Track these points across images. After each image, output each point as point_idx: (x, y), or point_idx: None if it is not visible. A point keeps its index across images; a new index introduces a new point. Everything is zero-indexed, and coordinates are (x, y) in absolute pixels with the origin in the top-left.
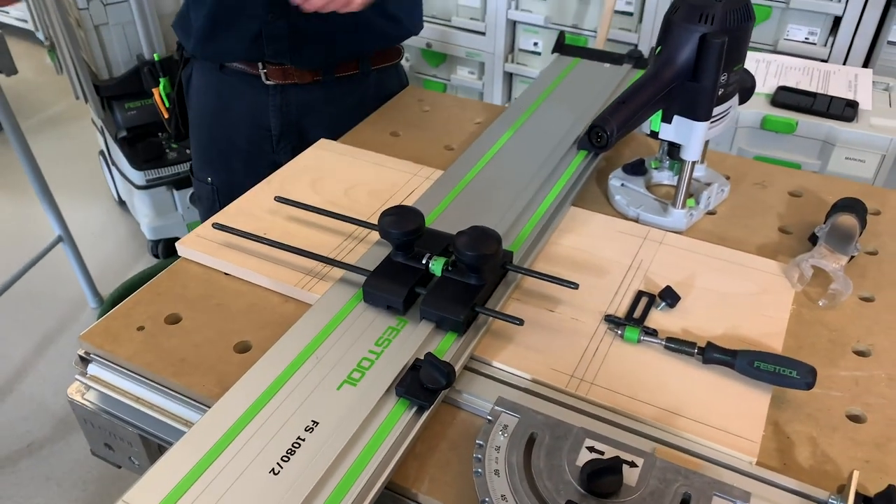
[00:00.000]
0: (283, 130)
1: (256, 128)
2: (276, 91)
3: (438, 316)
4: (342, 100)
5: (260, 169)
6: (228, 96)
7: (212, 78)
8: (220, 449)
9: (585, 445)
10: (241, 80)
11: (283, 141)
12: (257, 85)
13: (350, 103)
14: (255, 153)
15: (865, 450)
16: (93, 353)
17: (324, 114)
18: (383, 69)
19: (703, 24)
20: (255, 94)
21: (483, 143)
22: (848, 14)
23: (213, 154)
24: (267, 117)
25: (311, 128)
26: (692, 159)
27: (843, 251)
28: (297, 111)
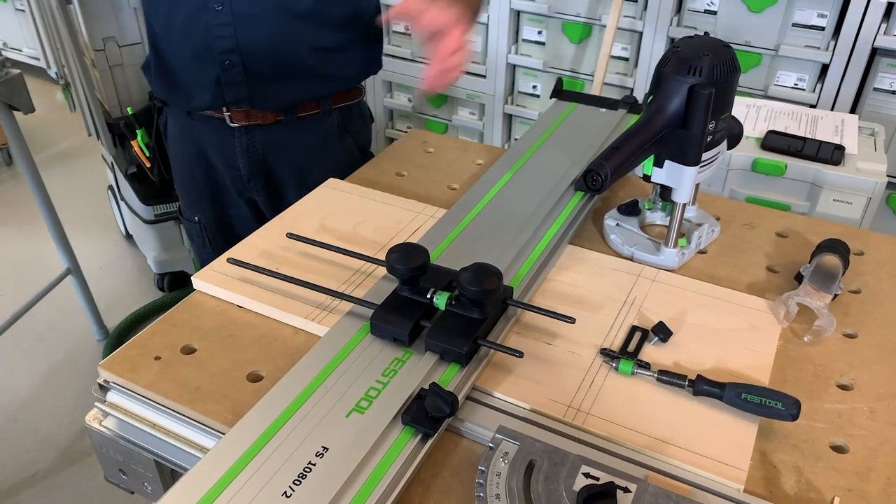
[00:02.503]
0: (252, 169)
1: (228, 168)
2: (241, 132)
3: (442, 348)
4: (306, 138)
5: (241, 205)
6: (200, 139)
7: (183, 123)
8: (234, 472)
9: (581, 472)
10: (207, 124)
11: (252, 179)
12: (223, 127)
13: (314, 141)
14: (234, 191)
15: (848, 478)
16: (112, 382)
17: (288, 152)
18: (345, 107)
19: (692, 76)
20: (223, 136)
21: (484, 184)
22: (835, 62)
23: (196, 194)
24: (235, 157)
25: (277, 166)
26: (683, 201)
27: (827, 290)
28: (262, 150)
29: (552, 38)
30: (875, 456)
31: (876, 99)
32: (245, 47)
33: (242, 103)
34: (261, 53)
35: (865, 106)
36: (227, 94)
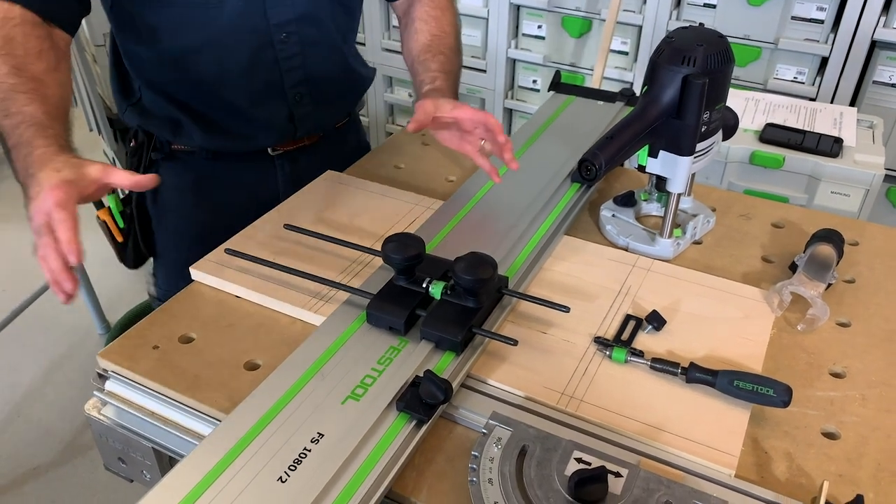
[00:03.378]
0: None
1: (259, 203)
2: (284, 160)
3: (437, 336)
4: (342, 149)
5: None
6: (227, 183)
7: (199, 171)
8: (231, 458)
9: (574, 457)
10: (245, 163)
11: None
12: (263, 159)
13: (347, 150)
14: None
15: (839, 464)
16: (110, 371)
17: (328, 166)
18: (356, 113)
19: (686, 67)
20: (262, 169)
21: (482, 176)
22: (834, 55)
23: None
24: (277, 187)
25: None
26: (678, 192)
27: (821, 279)
28: (305, 171)
29: (552, 32)
30: (866, 442)
31: (875, 92)
32: (312, 75)
33: (312, 132)
34: (324, 77)
35: (865, 99)
36: (300, 129)
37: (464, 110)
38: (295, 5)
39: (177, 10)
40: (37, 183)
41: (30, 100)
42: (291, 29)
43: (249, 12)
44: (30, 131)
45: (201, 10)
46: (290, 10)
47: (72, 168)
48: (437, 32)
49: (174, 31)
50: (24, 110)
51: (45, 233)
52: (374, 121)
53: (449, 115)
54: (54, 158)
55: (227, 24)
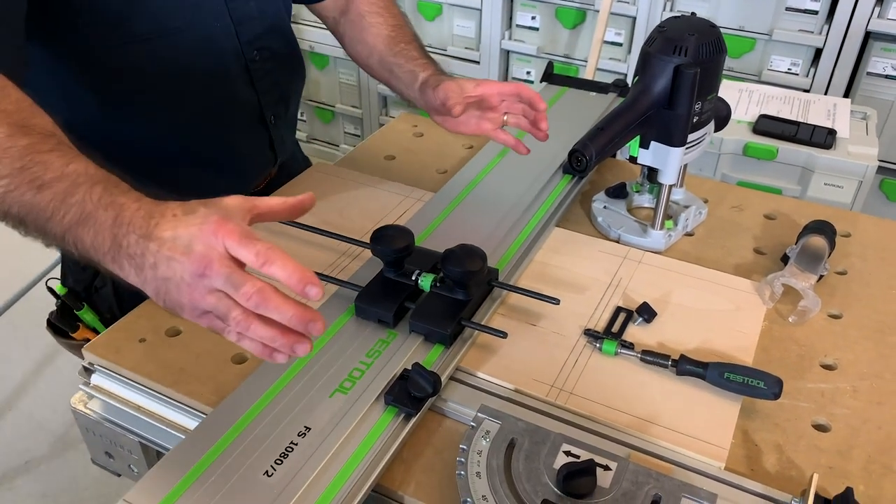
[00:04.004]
0: None
1: None
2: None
3: (426, 329)
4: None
5: None
6: None
7: None
8: (217, 451)
9: (562, 450)
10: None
11: None
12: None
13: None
14: None
15: (829, 457)
16: (96, 364)
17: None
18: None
19: (678, 56)
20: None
21: (473, 167)
22: (828, 46)
23: None
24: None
25: None
26: (669, 183)
27: (813, 270)
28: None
29: (546, 23)
30: (857, 434)
31: (869, 83)
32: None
33: (285, 155)
34: (294, 92)
35: (859, 90)
36: (279, 155)
37: (490, 85)
38: (263, 17)
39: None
40: (163, 241)
41: (64, 157)
42: (262, 44)
43: (219, 34)
44: (97, 192)
45: (167, 38)
46: (258, 23)
47: (206, 206)
48: (395, 23)
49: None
50: (69, 171)
51: (241, 281)
52: (367, 113)
53: (475, 94)
54: (165, 206)
55: (197, 50)
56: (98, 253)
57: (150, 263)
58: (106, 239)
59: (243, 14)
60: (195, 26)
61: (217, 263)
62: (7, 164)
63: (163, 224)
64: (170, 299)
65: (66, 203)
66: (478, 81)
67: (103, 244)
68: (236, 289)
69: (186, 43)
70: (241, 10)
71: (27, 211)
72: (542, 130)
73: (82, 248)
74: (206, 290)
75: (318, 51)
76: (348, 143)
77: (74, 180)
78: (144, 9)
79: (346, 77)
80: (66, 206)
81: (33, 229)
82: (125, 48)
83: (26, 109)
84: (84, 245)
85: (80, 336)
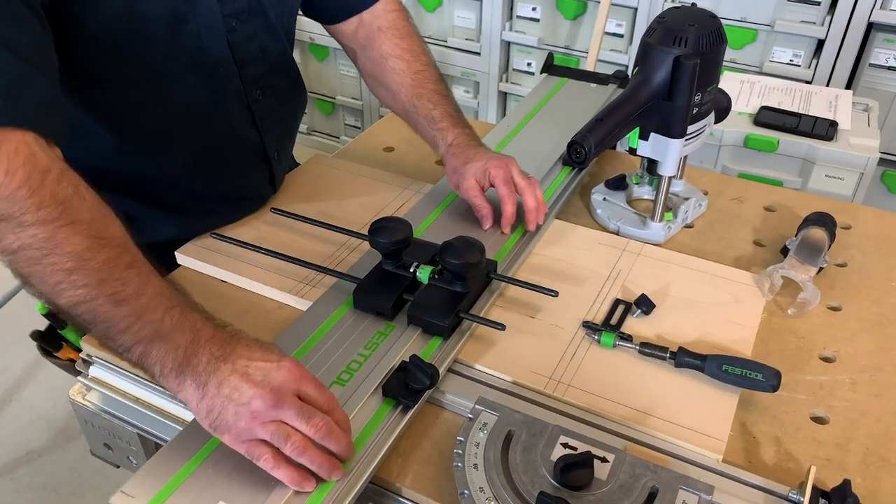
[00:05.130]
0: None
1: None
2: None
3: (424, 321)
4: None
5: None
6: None
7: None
8: (214, 442)
9: (560, 442)
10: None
11: None
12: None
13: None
14: None
15: (827, 449)
16: (94, 356)
17: None
18: None
19: (678, 47)
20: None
21: None
22: (830, 37)
23: None
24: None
25: None
26: (669, 174)
27: (813, 262)
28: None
29: (547, 14)
30: (855, 427)
31: (871, 74)
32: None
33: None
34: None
35: (861, 82)
36: (277, 186)
37: (495, 175)
38: (266, 56)
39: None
40: (236, 367)
41: (141, 275)
42: (265, 83)
43: (222, 76)
44: (175, 314)
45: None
46: (261, 63)
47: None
48: (419, 68)
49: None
50: (147, 290)
51: (311, 414)
52: (367, 104)
53: (489, 185)
54: (238, 337)
55: (201, 91)
56: (163, 367)
57: (216, 382)
58: (178, 357)
59: (247, 55)
60: (200, 68)
61: (289, 399)
62: (85, 276)
63: (239, 351)
64: (223, 419)
65: (142, 319)
66: (486, 168)
67: (173, 361)
68: (308, 420)
69: (190, 84)
70: (244, 51)
71: (101, 320)
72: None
73: (146, 361)
74: (268, 419)
75: (319, 42)
76: (349, 134)
77: (152, 299)
78: (154, 51)
79: (346, 69)
80: (143, 322)
81: (97, 334)
82: (132, 88)
83: (100, 218)
84: (149, 359)
85: (63, 356)
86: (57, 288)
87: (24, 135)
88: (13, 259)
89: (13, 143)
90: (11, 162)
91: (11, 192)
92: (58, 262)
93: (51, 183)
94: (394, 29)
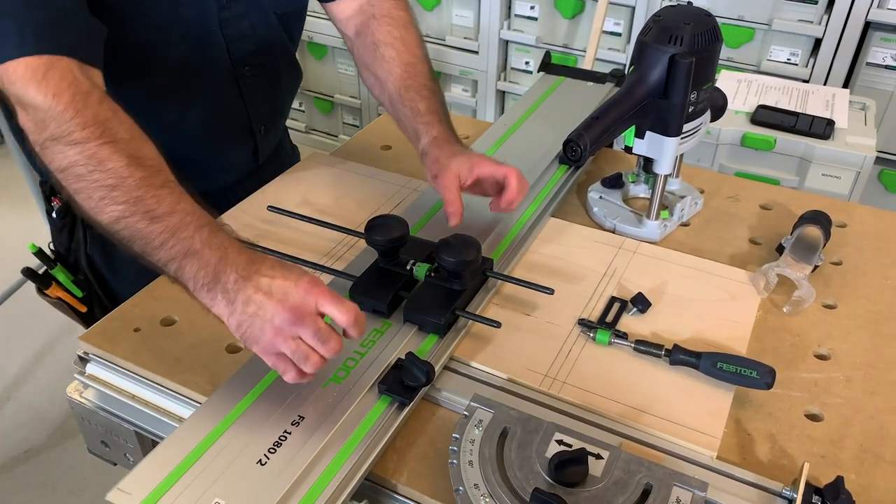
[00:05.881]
0: None
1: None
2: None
3: (421, 319)
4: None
5: None
6: None
7: None
8: (210, 440)
9: (555, 439)
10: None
11: None
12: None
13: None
14: None
15: (821, 446)
16: (91, 354)
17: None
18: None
19: (673, 46)
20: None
21: None
22: (828, 36)
23: None
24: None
25: None
26: (664, 173)
27: (808, 261)
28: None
29: (545, 13)
30: (849, 424)
31: (868, 73)
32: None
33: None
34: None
35: (858, 80)
36: (261, 158)
37: (484, 167)
38: (257, 36)
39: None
40: (259, 285)
41: (173, 194)
42: (254, 61)
43: (212, 50)
44: (205, 232)
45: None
46: (251, 41)
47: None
48: (410, 59)
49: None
50: (179, 209)
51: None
52: (366, 102)
53: (470, 181)
54: (264, 257)
55: (190, 63)
56: (196, 283)
57: (243, 300)
58: (208, 273)
59: (236, 32)
60: (192, 39)
61: (309, 318)
62: (124, 193)
63: (263, 270)
64: (251, 334)
65: (175, 236)
66: (471, 163)
67: (204, 277)
68: (324, 343)
69: (183, 54)
70: (234, 28)
71: (139, 237)
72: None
73: (182, 276)
74: (290, 335)
75: (317, 41)
76: (347, 133)
77: (183, 217)
78: (152, 17)
79: (344, 67)
80: (176, 239)
81: (138, 251)
82: (130, 51)
83: (137, 138)
84: (184, 274)
85: (52, 293)
86: (101, 203)
87: (69, 62)
88: (63, 177)
89: (58, 70)
90: (58, 86)
91: (59, 113)
92: (101, 179)
93: (93, 104)
94: (389, 17)
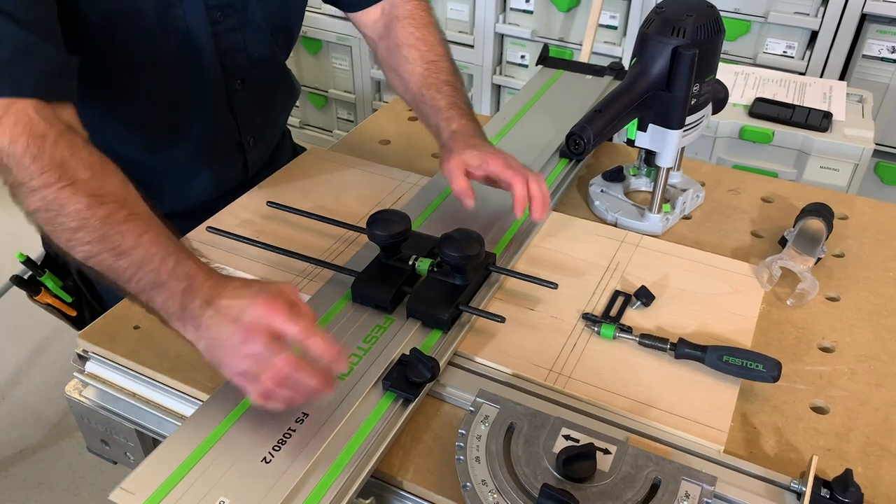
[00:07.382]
0: None
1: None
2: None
3: (424, 314)
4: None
5: None
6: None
7: None
8: (214, 439)
9: (562, 434)
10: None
11: None
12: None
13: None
14: None
15: (827, 439)
16: (91, 352)
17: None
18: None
19: (676, 38)
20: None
21: None
22: (824, 28)
23: None
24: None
25: None
26: (667, 166)
27: (811, 253)
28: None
29: (540, 6)
30: (855, 416)
31: (865, 66)
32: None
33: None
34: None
35: (854, 73)
36: (251, 170)
37: (494, 164)
38: (250, 51)
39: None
40: (219, 308)
41: (137, 227)
42: (246, 75)
43: (204, 63)
44: (170, 263)
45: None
46: (244, 56)
47: (261, 286)
48: (432, 58)
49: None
50: (143, 241)
51: (273, 353)
52: (360, 97)
53: (479, 173)
54: (228, 279)
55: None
56: (166, 313)
57: (206, 325)
58: (175, 303)
59: (230, 46)
60: (184, 54)
61: (257, 337)
62: (88, 233)
63: (224, 293)
64: (213, 356)
65: (142, 270)
66: (482, 155)
67: (172, 306)
68: (269, 360)
69: (171, 69)
70: (227, 43)
71: (109, 272)
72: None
73: (154, 307)
74: (243, 354)
75: (311, 35)
76: (342, 128)
77: (148, 249)
78: (142, 32)
79: (338, 62)
80: (143, 272)
81: (111, 284)
82: (120, 68)
83: (98, 174)
84: (155, 305)
85: (42, 300)
86: (68, 244)
87: (25, 104)
88: (34, 219)
89: (13, 114)
90: (13, 131)
91: (18, 159)
92: (64, 222)
93: (49, 147)
94: (411, 18)
